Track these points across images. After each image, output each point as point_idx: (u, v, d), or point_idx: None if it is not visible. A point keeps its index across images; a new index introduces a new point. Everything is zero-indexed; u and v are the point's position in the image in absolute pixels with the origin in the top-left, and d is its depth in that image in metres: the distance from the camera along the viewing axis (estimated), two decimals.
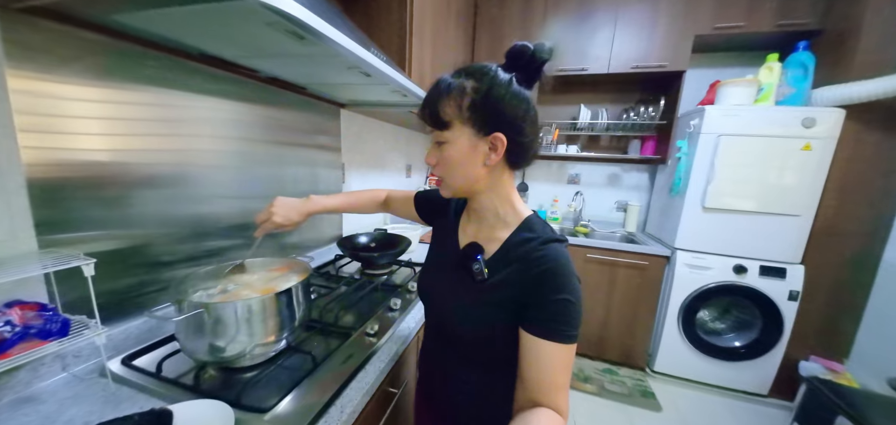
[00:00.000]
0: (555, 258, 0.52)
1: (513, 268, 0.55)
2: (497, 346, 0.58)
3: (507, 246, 0.58)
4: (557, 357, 0.50)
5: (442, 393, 0.70)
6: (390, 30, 1.33)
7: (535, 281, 0.52)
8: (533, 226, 0.58)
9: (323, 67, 0.87)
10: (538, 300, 0.51)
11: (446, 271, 0.66)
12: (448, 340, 0.67)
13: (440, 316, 0.68)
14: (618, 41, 2.18)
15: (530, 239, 0.55)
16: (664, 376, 2.16)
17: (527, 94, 0.54)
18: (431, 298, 0.70)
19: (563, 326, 0.50)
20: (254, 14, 0.55)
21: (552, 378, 0.50)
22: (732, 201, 1.87)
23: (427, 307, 0.73)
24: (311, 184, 1.35)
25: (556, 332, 0.50)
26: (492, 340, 0.58)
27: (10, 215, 0.58)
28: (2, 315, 0.52)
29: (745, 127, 1.80)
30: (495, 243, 0.59)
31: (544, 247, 0.53)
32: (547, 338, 0.50)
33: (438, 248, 0.72)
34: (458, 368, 0.65)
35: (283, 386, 0.64)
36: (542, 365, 0.50)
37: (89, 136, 0.68)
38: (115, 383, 0.64)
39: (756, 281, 1.89)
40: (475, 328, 0.59)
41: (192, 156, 0.89)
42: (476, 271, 0.57)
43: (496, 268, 0.57)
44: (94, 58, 0.67)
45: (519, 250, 0.55)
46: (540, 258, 0.52)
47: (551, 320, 0.50)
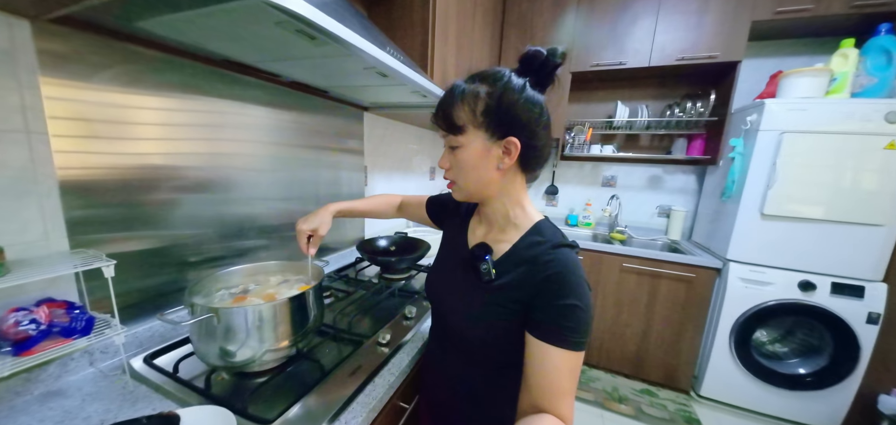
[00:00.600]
0: (563, 262, 0.52)
1: (521, 270, 0.55)
2: (501, 348, 0.58)
3: (516, 248, 0.58)
4: (563, 363, 0.49)
5: (444, 395, 0.70)
6: (412, 30, 1.30)
7: (542, 284, 0.51)
8: (543, 230, 0.58)
9: (339, 69, 0.85)
10: (545, 304, 0.51)
11: (454, 271, 0.66)
12: (452, 341, 0.67)
13: (446, 315, 0.67)
14: (661, 31, 2.00)
15: (540, 242, 0.55)
16: (712, 402, 1.95)
17: (540, 99, 0.55)
18: (438, 297, 0.69)
19: (569, 332, 0.49)
20: (262, 13, 0.53)
21: (557, 384, 0.49)
22: (798, 208, 1.64)
23: (434, 306, 0.73)
24: (334, 187, 1.35)
25: (562, 338, 0.49)
26: (496, 342, 0.58)
27: (43, 217, 0.61)
28: (29, 313, 0.54)
29: (813, 122, 1.57)
30: (504, 245, 0.59)
31: (553, 252, 0.53)
32: (553, 343, 0.49)
33: (447, 249, 0.73)
34: (460, 369, 0.65)
35: (290, 396, 0.63)
36: (547, 371, 0.49)
37: (119, 141, 0.71)
38: (133, 381, 0.66)
39: (827, 299, 1.64)
40: (479, 328, 0.59)
41: (217, 159, 0.91)
42: (483, 271, 0.57)
43: (504, 269, 0.57)
44: (123, 65, 0.70)
45: (528, 253, 0.55)
46: (548, 262, 0.52)
47: (558, 325, 0.49)
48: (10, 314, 0.54)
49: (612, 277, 2.06)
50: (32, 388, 0.61)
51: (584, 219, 2.53)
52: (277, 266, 0.87)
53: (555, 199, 2.75)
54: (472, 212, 0.71)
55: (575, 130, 2.42)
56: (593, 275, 2.09)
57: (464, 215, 0.72)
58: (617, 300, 2.08)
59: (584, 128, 2.39)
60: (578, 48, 2.18)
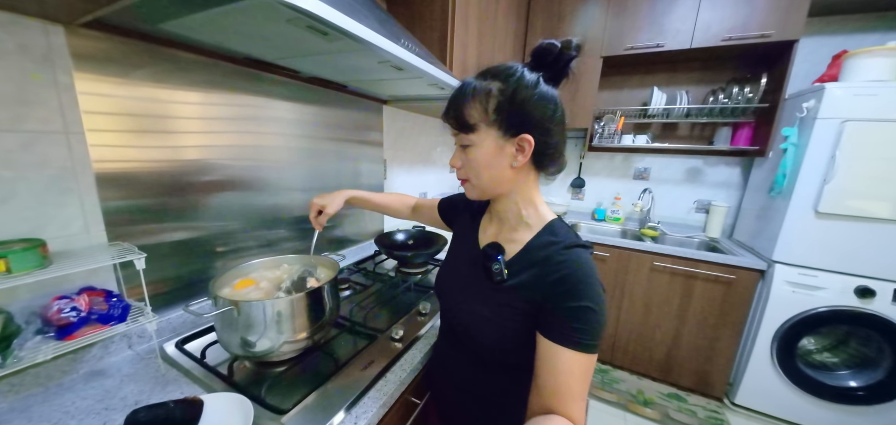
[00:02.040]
0: (577, 264, 0.51)
1: (533, 270, 0.54)
2: (511, 349, 0.57)
3: (528, 248, 0.57)
4: (575, 365, 0.48)
5: (453, 396, 0.70)
6: (432, 21, 1.27)
7: (555, 285, 0.50)
8: (556, 229, 0.57)
9: (355, 64, 0.84)
10: (557, 305, 0.50)
11: (464, 270, 0.65)
12: (462, 341, 0.66)
13: (455, 315, 0.66)
14: (706, 7, 1.82)
15: (553, 242, 0.54)
16: (748, 411, 1.83)
17: (554, 94, 0.54)
18: (448, 296, 0.68)
19: (581, 334, 0.48)
20: (273, 11, 0.53)
21: (568, 386, 0.48)
22: (860, 205, 1.47)
23: (442, 305, 0.72)
24: (354, 179, 1.37)
25: (574, 340, 0.48)
26: (506, 342, 0.57)
27: (83, 212, 0.66)
28: (71, 301, 0.59)
29: (882, 110, 1.39)
30: (516, 244, 0.58)
31: (567, 252, 0.52)
32: (564, 345, 0.48)
33: (458, 248, 0.72)
34: (470, 371, 0.65)
35: (305, 387, 0.65)
36: (559, 373, 0.49)
37: (151, 135, 0.75)
38: (165, 364, 0.71)
39: (888, 308, 1.47)
40: (490, 329, 0.58)
41: (242, 152, 0.94)
42: (495, 271, 0.56)
43: (516, 269, 0.56)
44: (153, 66, 0.73)
45: (540, 253, 0.54)
46: (561, 263, 0.51)
47: (570, 327, 0.48)
48: (54, 302, 0.58)
49: (641, 276, 1.96)
50: (78, 368, 0.67)
51: (612, 213, 2.42)
52: (297, 259, 0.89)
53: (581, 192, 2.64)
54: (483, 209, 0.70)
55: (605, 119, 2.29)
56: (621, 273, 2.00)
57: (475, 213, 0.71)
58: (646, 300, 1.98)
59: (614, 116, 2.26)
60: (611, 30, 2.04)
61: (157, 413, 0.55)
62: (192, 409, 0.57)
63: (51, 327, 0.57)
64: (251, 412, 0.57)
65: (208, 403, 0.58)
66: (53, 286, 0.61)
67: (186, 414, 0.56)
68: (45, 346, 0.55)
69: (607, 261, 2.01)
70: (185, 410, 0.56)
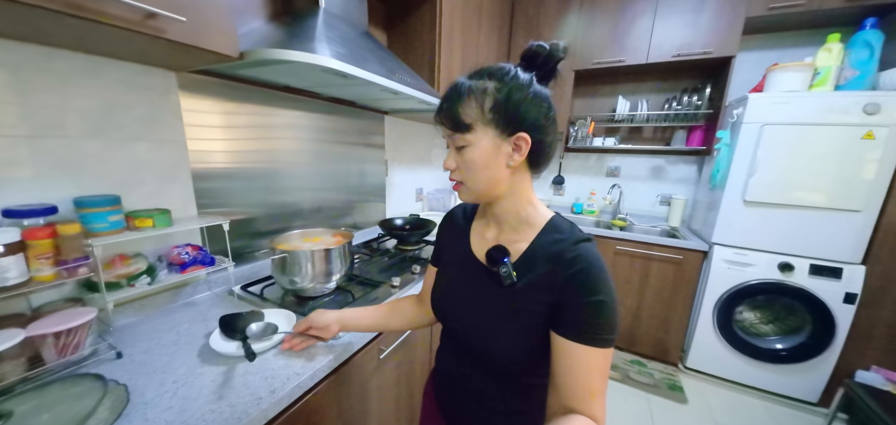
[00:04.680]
0: (589, 258, 0.50)
1: (544, 269, 0.53)
2: (523, 353, 0.55)
3: (535, 247, 0.56)
4: (593, 362, 0.48)
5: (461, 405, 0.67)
6: (423, 47, 1.60)
7: (568, 282, 0.50)
8: (560, 227, 0.56)
9: (364, 90, 1.17)
10: (573, 302, 0.49)
11: (465, 284, 0.63)
12: (468, 351, 0.63)
13: (461, 329, 0.63)
14: (658, 29, 2.15)
15: (560, 239, 0.54)
16: (697, 373, 2.13)
17: (547, 94, 0.54)
18: (451, 314, 0.65)
19: (600, 330, 0.48)
20: (316, 68, 0.86)
21: (588, 384, 0.48)
22: (778, 195, 1.78)
23: (447, 323, 0.68)
24: (360, 178, 1.69)
25: (592, 336, 0.48)
26: (518, 346, 0.55)
27: (183, 194, 0.99)
28: (183, 249, 0.92)
29: (795, 115, 1.70)
30: (521, 245, 0.57)
31: (577, 247, 0.52)
32: (583, 343, 0.48)
33: (450, 263, 0.69)
34: (478, 379, 0.62)
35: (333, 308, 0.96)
36: (578, 371, 0.48)
37: (224, 141, 1.08)
38: (238, 299, 1.04)
39: (805, 280, 1.78)
40: (500, 335, 0.56)
41: (279, 154, 1.27)
42: (503, 275, 0.54)
43: (524, 270, 0.54)
44: (227, 91, 1.06)
45: (550, 251, 0.53)
46: (574, 259, 0.50)
47: (587, 323, 0.48)
48: (174, 249, 0.91)
49: (607, 259, 2.26)
50: (178, 299, 0.99)
51: (588, 207, 2.73)
52: (322, 230, 1.21)
53: (561, 189, 2.95)
54: (470, 218, 0.69)
55: (578, 124, 2.61)
56: None
57: (462, 224, 0.69)
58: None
59: (586, 121, 2.58)
60: (581, 47, 2.37)
61: (236, 317, 0.84)
62: (256, 316, 0.86)
63: (173, 266, 0.90)
64: (293, 318, 0.88)
65: (267, 315, 0.89)
66: (170, 241, 0.94)
67: (253, 318, 0.85)
68: (171, 276, 0.88)
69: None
70: (253, 316, 0.86)
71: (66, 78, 0.76)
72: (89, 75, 0.79)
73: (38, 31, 0.64)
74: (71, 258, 0.68)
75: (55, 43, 0.72)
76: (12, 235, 0.63)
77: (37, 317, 0.70)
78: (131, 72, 0.85)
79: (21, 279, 0.64)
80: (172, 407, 0.60)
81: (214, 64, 0.87)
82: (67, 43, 0.72)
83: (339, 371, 0.83)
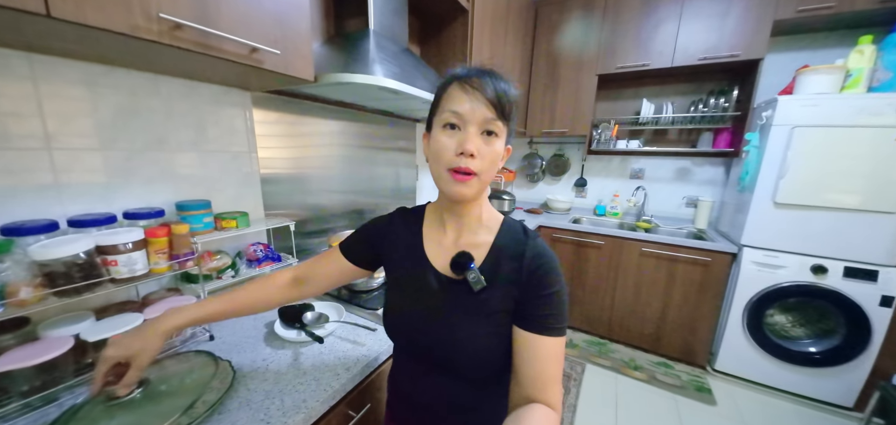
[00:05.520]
0: (547, 253, 0.54)
1: (509, 267, 0.54)
2: (491, 355, 0.55)
3: (496, 248, 0.57)
4: (552, 350, 0.50)
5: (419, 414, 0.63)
6: (455, 57, 1.70)
7: (530, 277, 0.52)
8: (513, 226, 0.59)
9: (407, 103, 1.28)
10: (533, 296, 0.52)
11: (429, 298, 0.58)
12: (444, 369, 0.58)
13: (423, 342, 0.59)
14: (684, 33, 2.17)
15: (519, 238, 0.57)
16: (726, 376, 2.13)
17: None
18: (410, 329, 0.60)
19: (557, 319, 0.51)
20: (371, 87, 0.97)
21: (547, 372, 0.50)
22: (809, 197, 1.77)
23: (403, 340, 0.64)
24: (394, 181, 1.81)
25: (550, 326, 0.50)
26: (487, 350, 0.54)
27: (254, 198, 1.12)
28: (257, 246, 1.05)
29: (826, 117, 1.70)
30: (482, 248, 0.57)
31: (535, 243, 0.55)
32: (543, 334, 0.50)
33: (405, 276, 0.63)
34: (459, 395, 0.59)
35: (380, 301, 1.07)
36: (538, 362, 0.50)
37: (282, 149, 1.21)
38: None
39: (839, 282, 1.76)
40: (482, 344, 0.54)
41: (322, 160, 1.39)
42: (473, 281, 0.54)
43: (490, 273, 0.55)
44: (289, 105, 1.19)
45: (511, 249, 0.56)
46: (535, 255, 0.53)
47: (547, 315, 0.51)
48: (250, 246, 1.04)
49: (632, 260, 2.30)
50: None
51: (611, 208, 2.76)
52: None
53: (584, 191, 2.99)
54: (418, 223, 0.65)
55: (602, 127, 2.64)
56: (614, 259, 2.35)
57: (410, 230, 0.65)
58: (636, 282, 2.31)
59: (609, 124, 2.61)
60: (604, 51, 2.41)
61: (291, 309, 0.92)
62: (307, 307, 0.96)
63: (249, 261, 1.02)
64: (342, 310, 0.98)
65: (317, 305, 0.99)
66: (246, 239, 1.07)
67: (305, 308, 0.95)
68: (250, 270, 1.00)
69: (602, 249, 2.37)
70: (304, 307, 0.95)
71: (169, 100, 0.89)
72: (185, 97, 0.92)
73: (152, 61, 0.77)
74: (181, 253, 0.80)
75: (161, 70, 0.85)
76: (138, 234, 0.76)
77: (148, 302, 0.83)
78: (217, 92, 0.99)
79: (144, 270, 0.77)
80: (267, 379, 0.72)
81: (290, 85, 0.99)
82: (173, 71, 0.85)
83: None
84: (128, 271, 0.74)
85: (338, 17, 1.25)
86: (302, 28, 0.81)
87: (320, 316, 0.93)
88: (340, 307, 1.00)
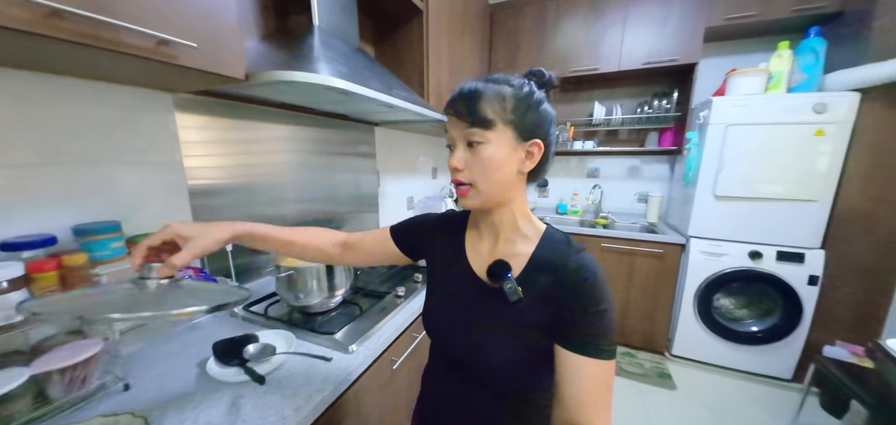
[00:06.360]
0: (592, 268, 0.51)
1: (547, 282, 0.52)
2: (527, 370, 0.55)
3: (535, 260, 0.55)
4: (598, 374, 0.48)
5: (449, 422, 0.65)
6: (412, 62, 1.64)
7: (573, 293, 0.50)
8: (556, 237, 0.57)
9: (360, 105, 1.20)
10: (578, 314, 0.49)
11: (463, 299, 0.60)
12: (473, 377, 0.59)
13: (458, 348, 0.60)
14: (628, 39, 2.30)
15: (560, 250, 0.54)
16: (683, 359, 2.25)
17: (553, 111, 0.56)
18: (445, 332, 0.63)
19: (603, 340, 0.48)
20: (318, 87, 0.88)
21: (594, 396, 0.47)
22: (744, 189, 1.93)
23: (438, 341, 0.66)
24: (354, 188, 1.70)
25: (596, 347, 0.48)
26: (522, 364, 0.54)
27: (182, 214, 0.98)
28: (183, 272, 0.90)
29: (754, 116, 1.86)
30: (520, 259, 0.56)
31: (579, 257, 0.52)
32: (587, 355, 0.48)
33: (444, 276, 0.65)
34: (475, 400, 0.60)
35: (342, 323, 0.97)
36: (584, 384, 0.48)
37: (217, 157, 1.07)
38: (242, 319, 1.02)
39: (773, 266, 1.93)
40: (504, 354, 0.54)
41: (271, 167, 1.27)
42: (508, 291, 0.53)
43: (527, 285, 0.53)
44: (220, 108, 1.06)
45: (552, 262, 0.53)
46: (577, 269, 0.51)
47: (592, 334, 0.48)
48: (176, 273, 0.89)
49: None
50: (181, 323, 0.97)
51: (571, 207, 2.84)
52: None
53: (546, 191, 3.06)
54: (462, 227, 0.66)
55: (559, 129, 2.72)
56: None
57: (456, 233, 0.66)
58: None
59: (566, 126, 2.69)
60: (559, 56, 2.49)
61: (230, 342, 0.81)
62: (250, 338, 0.83)
63: None
64: (293, 339, 0.86)
65: (263, 335, 0.87)
66: None
67: (246, 340, 0.82)
68: None
69: None
70: (246, 339, 0.83)
71: (71, 105, 0.74)
72: (91, 102, 0.77)
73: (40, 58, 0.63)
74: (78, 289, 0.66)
75: (59, 70, 0.70)
76: (15, 269, 0.61)
77: (39, 351, 0.67)
78: (131, 95, 0.84)
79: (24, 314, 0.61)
80: None
81: (217, 85, 0.87)
82: (73, 70, 0.71)
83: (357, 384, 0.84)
84: (3, 317, 0.59)
85: (279, 15, 1.14)
86: (228, 20, 0.71)
87: (265, 347, 0.81)
88: (291, 335, 0.89)
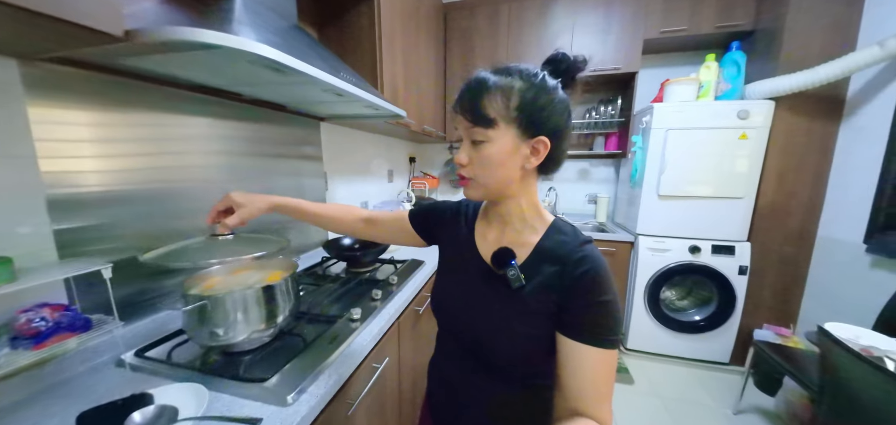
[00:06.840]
0: (596, 259, 0.51)
1: (551, 271, 0.53)
2: (529, 356, 0.56)
3: (540, 249, 0.56)
4: (599, 363, 0.48)
5: (458, 411, 0.67)
6: (361, 49, 1.47)
7: (576, 283, 0.50)
8: (563, 228, 0.57)
9: (301, 91, 0.99)
10: (581, 303, 0.50)
11: (471, 284, 0.62)
12: (477, 359, 0.61)
13: (465, 331, 0.63)
14: (576, 46, 2.37)
15: (566, 241, 0.54)
16: (637, 352, 2.34)
17: (568, 101, 0.55)
18: (453, 314, 0.65)
19: (606, 330, 0.48)
20: (240, 56, 0.67)
21: (596, 386, 0.48)
22: (683, 188, 2.07)
23: (446, 323, 0.68)
24: (298, 193, 1.46)
25: (598, 337, 0.48)
26: (525, 350, 0.55)
27: (34, 234, 0.69)
28: (36, 312, 0.63)
29: (689, 121, 2.00)
30: (526, 248, 0.57)
31: (584, 248, 0.52)
32: (589, 343, 0.48)
33: (455, 260, 0.68)
34: (480, 384, 0.62)
35: (278, 363, 0.75)
36: (585, 373, 0.48)
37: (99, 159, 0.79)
38: (131, 371, 0.75)
39: (709, 259, 2.08)
40: (507, 339, 0.55)
41: (185, 172, 1.00)
42: (512, 278, 0.54)
43: (531, 273, 0.54)
44: (102, 92, 0.79)
45: (556, 252, 0.54)
46: (581, 259, 0.51)
47: (594, 324, 0.49)
48: (21, 314, 0.62)
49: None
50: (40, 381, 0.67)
51: None
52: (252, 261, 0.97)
53: None
54: (475, 215, 0.68)
55: None
56: None
57: (468, 220, 0.68)
58: None
59: None
60: (512, 59, 2.46)
61: (105, 410, 0.57)
62: (141, 401, 0.59)
63: (22, 338, 0.60)
64: (206, 395, 0.62)
65: (159, 394, 0.61)
66: (14, 301, 0.63)
67: (132, 404, 0.58)
68: (20, 355, 0.59)
69: None
70: (135, 403, 0.58)
71: None
72: None
73: None
74: None
75: None
76: None
77: None
78: None
79: None
80: None
81: (85, 48, 0.62)
82: None
83: None
84: None
85: None
86: None
87: (162, 412, 0.58)
88: (202, 389, 0.63)
